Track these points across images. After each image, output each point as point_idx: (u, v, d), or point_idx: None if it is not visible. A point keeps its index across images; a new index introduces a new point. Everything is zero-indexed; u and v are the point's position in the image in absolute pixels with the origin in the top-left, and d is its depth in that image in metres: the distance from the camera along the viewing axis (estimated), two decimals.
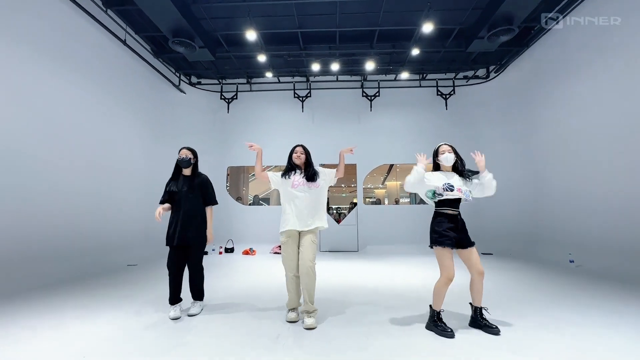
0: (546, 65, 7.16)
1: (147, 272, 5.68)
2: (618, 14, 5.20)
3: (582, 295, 3.93)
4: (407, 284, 4.71)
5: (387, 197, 19.42)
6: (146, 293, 4.10)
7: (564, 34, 6.51)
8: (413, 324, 2.87)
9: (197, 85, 9.45)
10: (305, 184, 3.02)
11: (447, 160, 2.78)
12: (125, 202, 6.97)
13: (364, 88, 9.39)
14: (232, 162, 9.50)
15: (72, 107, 5.56)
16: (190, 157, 3.32)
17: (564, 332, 2.65)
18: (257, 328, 2.78)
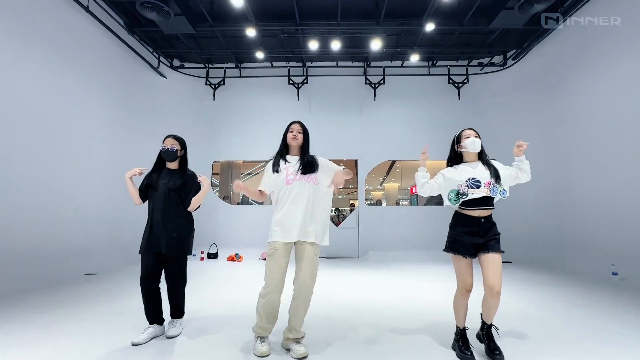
0: (574, 51, 6.30)
1: (108, 283, 4.61)
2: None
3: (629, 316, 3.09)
4: (419, 299, 3.75)
5: (386, 200, 18.49)
6: (105, 309, 3.06)
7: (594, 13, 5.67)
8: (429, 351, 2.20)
9: (179, 69, 8.39)
10: (301, 178, 2.32)
11: (473, 145, 2.26)
12: (88, 198, 5.89)
13: (367, 75, 8.42)
14: (218, 157, 8.45)
15: (22, 85, 4.52)
16: (176, 148, 2.68)
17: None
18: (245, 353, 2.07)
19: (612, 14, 5.39)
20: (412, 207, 10.48)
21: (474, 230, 2.17)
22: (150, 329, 2.48)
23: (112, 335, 2.53)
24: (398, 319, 3.06)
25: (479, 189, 2.15)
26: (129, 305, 3.44)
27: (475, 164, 2.28)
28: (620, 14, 5.36)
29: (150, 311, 2.53)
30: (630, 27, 5.15)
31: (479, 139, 2.31)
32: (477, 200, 2.16)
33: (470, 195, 2.16)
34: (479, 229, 2.16)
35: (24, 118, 4.66)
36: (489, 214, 2.21)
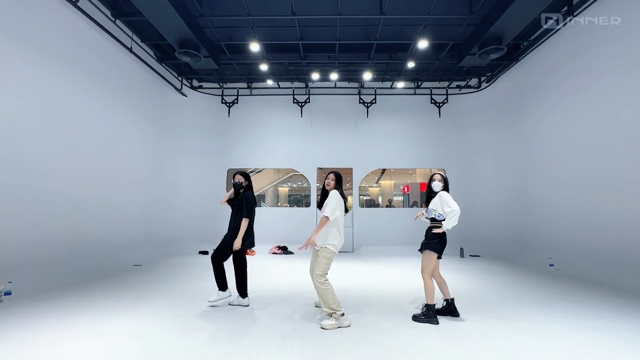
0: (535, 78, 7.57)
1: (152, 271, 5.98)
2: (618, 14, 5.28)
3: (556, 297, 4.37)
4: (397, 283, 5.11)
5: (382, 196, 19.84)
6: (159, 292, 4.42)
7: (552, 49, 6.92)
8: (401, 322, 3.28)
9: (198, 89, 9.66)
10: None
11: (435, 187, 3.57)
12: (128, 203, 7.21)
13: (361, 95, 9.72)
14: (232, 165, 9.77)
15: (77, 111, 5.72)
16: (241, 181, 4.01)
17: (531, 330, 3.06)
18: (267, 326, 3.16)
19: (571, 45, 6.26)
20: (398, 209, 11.89)
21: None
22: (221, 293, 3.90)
23: (179, 304, 3.91)
24: (383, 298, 4.44)
25: (431, 215, 3.57)
26: (179, 287, 4.82)
27: (437, 197, 3.53)
28: (579, 43, 6.61)
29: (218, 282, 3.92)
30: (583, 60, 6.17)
31: (442, 182, 3.55)
32: (432, 219, 3.58)
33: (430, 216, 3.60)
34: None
35: (84, 139, 5.96)
36: (431, 226, 3.56)
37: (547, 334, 3.08)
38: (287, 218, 9.74)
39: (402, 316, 3.54)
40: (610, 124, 5.57)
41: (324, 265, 3.31)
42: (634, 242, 5.07)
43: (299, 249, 3.47)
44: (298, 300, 4.21)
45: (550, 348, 2.74)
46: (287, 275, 5.81)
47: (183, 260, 7.34)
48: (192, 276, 5.62)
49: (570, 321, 3.44)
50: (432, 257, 3.43)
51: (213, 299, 3.83)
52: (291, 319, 3.43)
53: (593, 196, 5.92)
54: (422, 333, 3.05)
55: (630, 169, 5.16)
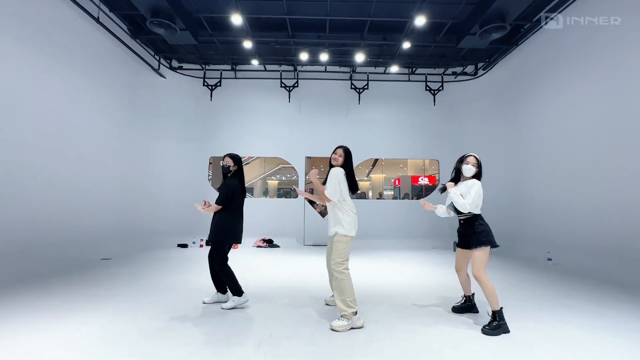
0: (533, 65, 7.20)
1: (122, 265, 5.40)
2: (618, 13, 5.15)
3: (558, 293, 4.04)
4: (393, 279, 4.69)
5: (372, 190, 19.49)
6: (123, 290, 3.87)
7: (553, 34, 6.53)
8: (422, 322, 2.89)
9: (178, 70, 8.97)
10: None
11: (467, 172, 3.02)
12: (98, 191, 6.57)
13: (352, 80, 9.20)
14: (215, 152, 9.15)
15: (38, 88, 5.11)
16: (229, 164, 3.48)
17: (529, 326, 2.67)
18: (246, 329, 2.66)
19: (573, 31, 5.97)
20: (388, 201, 11.51)
21: (459, 230, 3.13)
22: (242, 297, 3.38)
23: (142, 303, 3.37)
24: (379, 296, 4.00)
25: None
26: (147, 283, 4.27)
27: (465, 183, 3.01)
28: (581, 28, 6.24)
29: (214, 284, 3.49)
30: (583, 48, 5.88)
31: (475, 166, 2.99)
32: (455, 209, 3.08)
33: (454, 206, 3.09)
34: (461, 229, 3.08)
35: (46, 120, 5.30)
36: (466, 217, 3.00)
37: (558, 335, 2.69)
38: (273, 210, 9.21)
39: (418, 315, 3.13)
40: (613, 115, 5.30)
41: (342, 251, 2.94)
42: (634, 236, 4.83)
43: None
44: (281, 299, 3.72)
45: (570, 352, 2.34)
46: (272, 271, 5.32)
47: (159, 254, 6.76)
48: (164, 271, 5.07)
49: (581, 321, 3.08)
50: (487, 251, 2.88)
51: (229, 306, 3.31)
52: (272, 321, 2.95)
53: (592, 189, 5.65)
54: (443, 334, 2.62)
55: (631, 162, 4.94)
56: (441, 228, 8.94)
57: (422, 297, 3.82)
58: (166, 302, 3.46)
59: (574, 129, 6.10)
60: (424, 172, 14.24)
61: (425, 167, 16.37)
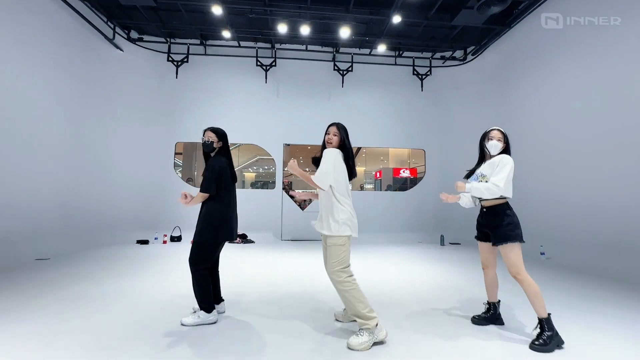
0: (525, 50, 6.83)
1: (59, 267, 4.45)
2: (618, 13, 5.01)
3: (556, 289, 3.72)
4: (386, 278, 4.09)
5: (352, 184, 18.99)
6: (55, 299, 2.99)
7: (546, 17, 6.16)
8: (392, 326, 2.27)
9: (137, 42, 7.84)
10: None
11: (492, 149, 2.48)
12: (38, 179, 5.50)
13: (335, 61, 8.47)
14: (182, 137, 8.17)
15: None
16: (212, 140, 2.75)
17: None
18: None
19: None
20: (373, 192, 10.99)
21: (479, 219, 2.59)
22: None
23: (75, 320, 2.54)
24: None
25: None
26: (90, 289, 3.41)
27: (491, 160, 2.46)
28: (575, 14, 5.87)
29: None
30: (577, 32, 5.64)
31: (502, 141, 2.46)
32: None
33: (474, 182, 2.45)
34: (482, 218, 2.54)
35: None
36: (491, 204, 2.43)
37: (570, 338, 2.22)
38: (246, 201, 8.36)
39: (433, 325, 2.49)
40: (609, 103, 5.02)
41: (339, 256, 2.30)
42: (630, 229, 4.59)
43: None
44: (263, 307, 3.00)
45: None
46: (249, 271, 4.56)
47: (113, 252, 5.80)
48: (113, 274, 4.18)
49: (591, 321, 2.71)
50: (518, 247, 2.34)
51: (191, 321, 2.54)
52: (255, 339, 2.23)
53: (586, 180, 5.38)
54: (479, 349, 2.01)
55: (626, 153, 4.72)
56: (426, 221, 8.52)
57: (424, 302, 3.24)
58: (107, 316, 2.64)
59: (567, 118, 5.80)
60: (408, 164, 13.86)
61: (409, 158, 16.04)
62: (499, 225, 2.34)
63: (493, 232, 2.38)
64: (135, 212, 7.49)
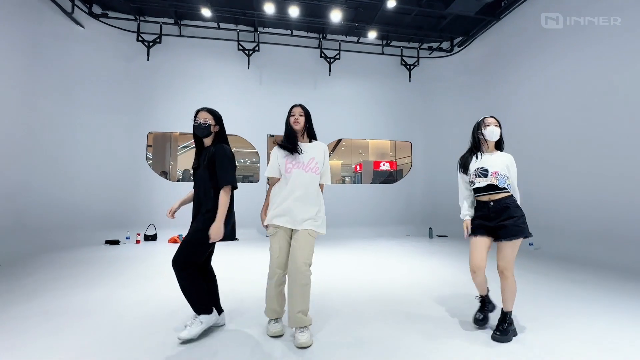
0: (511, 43, 6.87)
1: (11, 275, 3.75)
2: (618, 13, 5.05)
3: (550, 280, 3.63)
4: (383, 277, 3.84)
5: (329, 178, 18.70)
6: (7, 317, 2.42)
7: (535, 10, 6.18)
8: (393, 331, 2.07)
9: (101, 18, 6.97)
10: (301, 166, 2.26)
11: (492, 134, 2.35)
12: None
13: (322, 48, 8.07)
14: (153, 127, 7.42)
15: None
16: (209, 122, 2.30)
17: None
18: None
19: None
20: (358, 185, 10.80)
21: (484, 214, 2.30)
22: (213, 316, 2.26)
23: (47, 338, 2.03)
24: (371, 296, 3.07)
25: (485, 178, 2.27)
26: (55, 301, 2.84)
27: (491, 153, 2.38)
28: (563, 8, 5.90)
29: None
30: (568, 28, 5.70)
31: (499, 127, 2.38)
32: (483, 188, 2.29)
33: (477, 183, 2.30)
34: (488, 212, 2.27)
35: None
36: (500, 197, 2.26)
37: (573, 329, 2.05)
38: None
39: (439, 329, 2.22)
40: (596, 95, 5.14)
41: (312, 249, 2.22)
42: (617, 218, 4.72)
43: None
44: (246, 313, 2.61)
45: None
46: (236, 273, 4.13)
47: (77, 255, 5.10)
48: (79, 281, 3.59)
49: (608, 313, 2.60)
50: (519, 244, 2.23)
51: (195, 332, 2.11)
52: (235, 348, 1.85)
53: (572, 172, 5.49)
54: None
55: (613, 144, 4.86)
56: (413, 214, 8.45)
57: (425, 301, 3.01)
58: (78, 339, 2.13)
59: (554, 110, 5.89)
60: (390, 157, 13.80)
61: (390, 150, 15.99)
62: (511, 218, 2.21)
63: (504, 227, 2.21)
64: (101, 210, 6.71)
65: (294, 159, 2.24)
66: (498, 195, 2.26)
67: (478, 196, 2.35)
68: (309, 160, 2.26)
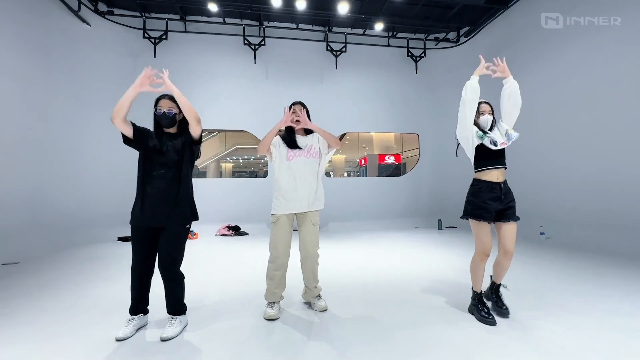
0: (519, 33, 6.78)
1: (27, 272, 3.82)
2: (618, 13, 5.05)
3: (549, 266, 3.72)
4: (396, 267, 3.85)
5: (333, 172, 18.70)
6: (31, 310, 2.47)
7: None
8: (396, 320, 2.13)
9: (107, 16, 6.96)
10: (303, 153, 2.50)
11: (486, 123, 2.41)
12: None
13: (328, 41, 8.02)
14: None
15: None
16: (174, 111, 2.21)
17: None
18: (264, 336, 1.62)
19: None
20: (366, 178, 10.80)
21: (497, 196, 2.27)
22: (135, 319, 2.17)
23: (88, 331, 2.08)
24: (368, 287, 3.10)
25: (496, 146, 2.29)
26: (75, 297, 2.90)
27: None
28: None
29: (136, 298, 2.18)
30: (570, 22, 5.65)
31: (492, 115, 2.43)
32: (495, 157, 2.29)
33: (491, 146, 2.27)
34: (500, 194, 2.28)
35: None
36: (504, 179, 2.34)
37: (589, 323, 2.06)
38: (238, 191, 7.88)
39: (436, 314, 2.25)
40: (607, 83, 5.10)
41: (318, 233, 2.59)
42: (629, 205, 4.71)
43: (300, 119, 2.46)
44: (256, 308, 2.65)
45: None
46: (246, 268, 4.17)
47: (91, 252, 5.17)
48: (92, 278, 3.64)
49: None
50: None
51: (129, 331, 2.09)
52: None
53: (583, 159, 5.47)
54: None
55: (623, 131, 4.84)
56: (421, 206, 8.46)
57: (443, 289, 3.03)
58: (104, 332, 2.17)
59: (564, 99, 5.84)
60: (395, 150, 13.76)
61: (395, 144, 15.93)
62: (514, 200, 2.35)
63: (511, 207, 2.32)
64: (115, 207, 6.77)
65: (295, 149, 2.47)
66: (503, 172, 2.33)
67: (488, 170, 2.32)
68: (308, 148, 2.49)
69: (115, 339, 2.04)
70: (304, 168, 2.45)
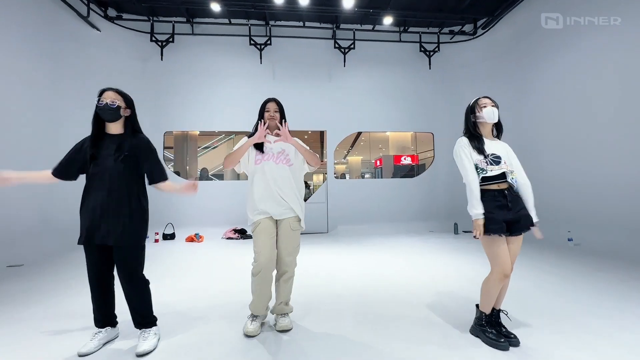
0: (541, 22, 6.25)
1: (36, 276, 3.82)
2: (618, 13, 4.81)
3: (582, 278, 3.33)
4: (403, 276, 3.54)
5: (349, 174, 18.38)
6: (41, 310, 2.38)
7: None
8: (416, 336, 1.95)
9: (116, 21, 7.05)
10: (271, 157, 2.28)
11: (491, 115, 2.07)
12: None
13: (336, 39, 7.77)
14: (170, 127, 7.47)
15: None
16: (118, 103, 2.00)
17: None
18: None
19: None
20: (377, 180, 10.43)
21: (502, 204, 1.96)
22: (101, 332, 2.03)
23: (57, 344, 1.95)
24: (375, 297, 2.81)
25: (498, 166, 2.01)
26: (74, 304, 2.80)
27: (490, 140, 2.14)
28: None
29: (99, 311, 2.05)
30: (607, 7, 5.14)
31: (497, 108, 2.10)
32: (495, 176, 2.01)
33: (490, 171, 2.01)
34: (506, 201, 1.97)
35: None
36: (508, 186, 2.03)
37: None
38: (242, 194, 7.72)
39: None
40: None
41: (297, 240, 2.29)
42: None
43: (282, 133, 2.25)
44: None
45: None
46: (243, 272, 3.99)
47: None
48: (85, 282, 3.56)
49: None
50: None
51: (93, 345, 1.94)
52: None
53: (614, 158, 4.95)
54: None
55: None
56: (436, 209, 8.01)
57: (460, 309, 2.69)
58: (53, 343, 2.03)
59: (591, 92, 5.33)
60: (411, 151, 13.30)
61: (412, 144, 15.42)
62: (524, 207, 2.03)
63: (524, 216, 1.98)
64: None
65: (265, 152, 2.27)
66: (505, 183, 2.01)
67: (489, 184, 2.02)
68: (278, 153, 2.28)
69: (78, 354, 1.89)
70: (277, 172, 2.25)
